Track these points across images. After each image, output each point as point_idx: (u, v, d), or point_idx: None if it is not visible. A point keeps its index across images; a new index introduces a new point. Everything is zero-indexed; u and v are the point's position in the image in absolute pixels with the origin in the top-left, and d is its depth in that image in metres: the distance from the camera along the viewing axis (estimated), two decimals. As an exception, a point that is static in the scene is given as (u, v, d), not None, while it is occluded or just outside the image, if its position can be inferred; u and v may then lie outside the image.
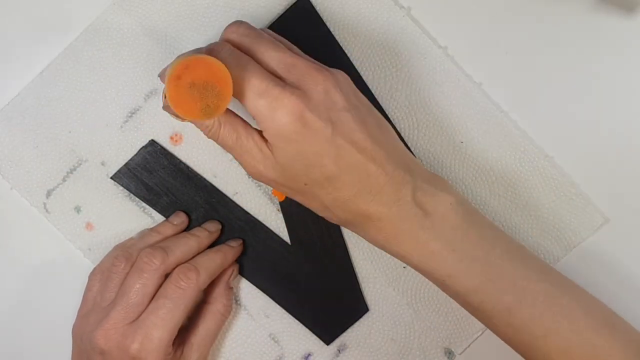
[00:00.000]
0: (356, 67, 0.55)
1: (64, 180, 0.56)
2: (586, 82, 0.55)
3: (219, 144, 0.46)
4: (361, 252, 0.57)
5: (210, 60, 0.41)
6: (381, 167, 0.43)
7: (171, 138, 0.56)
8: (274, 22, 0.55)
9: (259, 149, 0.45)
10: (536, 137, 0.55)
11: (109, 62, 0.55)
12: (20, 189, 0.56)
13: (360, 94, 0.47)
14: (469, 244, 0.45)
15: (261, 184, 0.56)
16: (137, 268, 0.51)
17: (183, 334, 0.54)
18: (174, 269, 0.52)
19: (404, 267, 0.57)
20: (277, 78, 0.43)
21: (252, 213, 0.56)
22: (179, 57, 0.45)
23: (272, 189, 0.56)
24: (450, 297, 0.48)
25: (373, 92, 0.55)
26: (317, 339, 0.58)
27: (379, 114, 0.47)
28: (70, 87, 0.55)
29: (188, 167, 0.56)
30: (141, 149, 0.56)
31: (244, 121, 0.46)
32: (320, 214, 0.47)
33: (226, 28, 0.46)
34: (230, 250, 0.55)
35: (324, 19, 0.55)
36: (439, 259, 0.45)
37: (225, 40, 0.46)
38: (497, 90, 0.55)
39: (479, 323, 0.56)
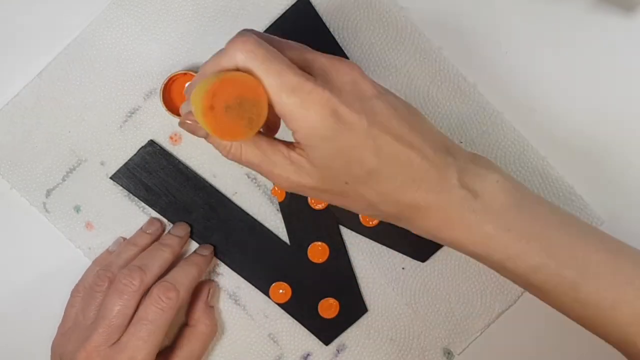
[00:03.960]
0: (356, 67, 0.55)
1: (63, 180, 0.56)
2: (586, 82, 0.55)
3: (243, 164, 0.43)
4: (360, 253, 0.57)
5: (232, 76, 0.39)
6: (422, 153, 0.41)
7: (170, 138, 0.56)
8: (274, 22, 0.55)
9: (289, 160, 0.42)
10: (535, 138, 0.55)
11: (108, 62, 0.55)
12: (20, 188, 0.56)
13: (375, 82, 0.44)
14: (523, 221, 0.42)
15: (260, 184, 0.56)
16: (116, 289, 0.50)
17: (166, 353, 0.54)
18: (151, 285, 0.51)
19: (403, 268, 0.57)
20: (305, 72, 0.40)
21: (251, 213, 0.56)
22: (196, 79, 0.43)
23: (271, 189, 0.56)
24: (511, 280, 0.44)
25: (372, 92, 0.55)
26: (316, 339, 0.58)
27: (405, 101, 0.44)
28: (70, 87, 0.55)
29: (187, 167, 0.56)
30: (140, 149, 0.56)
31: (265, 135, 0.43)
32: (365, 213, 0.44)
33: (237, 35, 0.41)
34: (203, 259, 0.55)
35: (324, 19, 0.55)
36: (494, 241, 0.42)
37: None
38: (497, 91, 0.55)
39: (478, 323, 0.57)
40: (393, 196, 0.41)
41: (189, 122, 0.43)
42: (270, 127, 0.46)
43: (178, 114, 0.53)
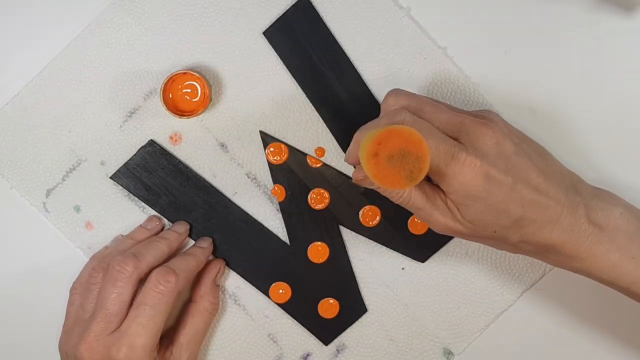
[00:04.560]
0: (356, 67, 0.55)
1: (63, 179, 0.56)
2: (586, 82, 0.54)
3: (408, 207, 0.48)
4: (360, 253, 0.57)
5: (400, 129, 0.42)
6: (555, 198, 0.46)
7: (170, 138, 0.56)
8: (274, 22, 0.55)
9: (447, 206, 0.47)
10: (535, 138, 0.54)
11: (108, 62, 0.55)
12: (20, 188, 0.56)
13: (512, 126, 0.49)
14: None
15: (260, 184, 0.56)
16: (110, 277, 0.51)
17: (171, 334, 0.54)
18: (147, 273, 0.52)
19: (403, 268, 0.57)
20: (455, 141, 0.45)
21: (251, 213, 0.56)
22: (361, 134, 0.46)
23: (271, 189, 0.56)
24: (637, 301, 0.49)
25: (373, 92, 0.55)
26: (316, 339, 0.58)
27: (532, 140, 0.49)
28: (70, 87, 0.55)
29: (187, 167, 0.56)
30: (140, 148, 0.56)
31: (427, 181, 0.48)
32: (508, 250, 0.49)
33: (385, 100, 0.49)
34: (202, 251, 0.55)
35: (324, 19, 0.55)
36: (620, 268, 0.47)
37: (394, 103, 0.48)
38: (497, 90, 0.55)
39: (478, 323, 0.57)
40: (533, 238, 0.46)
41: (360, 177, 0.49)
42: None
43: (177, 114, 0.53)
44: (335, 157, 0.56)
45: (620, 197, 0.49)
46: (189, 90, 0.54)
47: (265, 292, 0.57)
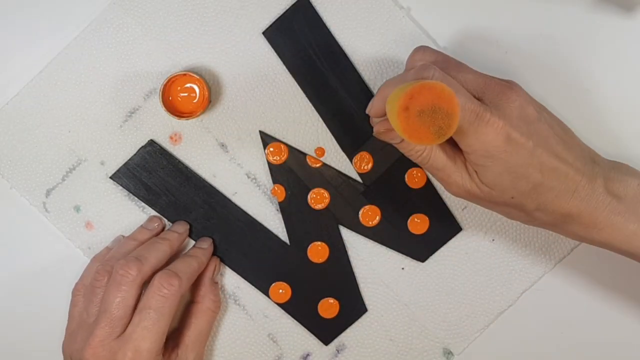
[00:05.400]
0: (356, 67, 0.55)
1: (63, 179, 0.56)
2: (585, 82, 0.54)
3: (427, 167, 0.48)
4: (360, 253, 0.57)
5: (432, 84, 0.41)
6: (574, 166, 0.46)
7: (170, 138, 0.56)
8: (274, 22, 0.55)
9: (466, 169, 0.47)
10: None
11: (108, 62, 0.55)
12: (20, 188, 0.56)
13: (532, 97, 0.48)
14: None
15: (260, 184, 0.56)
16: (114, 281, 0.51)
17: (175, 336, 0.54)
18: (151, 276, 0.52)
19: (403, 268, 0.57)
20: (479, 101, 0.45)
21: (251, 213, 0.56)
22: (388, 87, 0.46)
23: (271, 189, 0.56)
24: None
25: (373, 92, 0.55)
26: (316, 339, 0.58)
27: (553, 113, 0.49)
28: (70, 87, 0.55)
29: (187, 167, 0.56)
30: (140, 148, 0.56)
31: (448, 142, 0.47)
32: (523, 221, 0.49)
33: (411, 56, 0.49)
34: (203, 252, 0.55)
35: (324, 19, 0.55)
36: (638, 238, 0.47)
37: (421, 59, 0.48)
38: (497, 91, 0.55)
39: (478, 323, 0.57)
40: (550, 206, 0.46)
41: (382, 129, 0.48)
42: None
43: (177, 115, 0.53)
44: (335, 157, 0.56)
45: (636, 169, 0.49)
46: (186, 94, 0.54)
47: (265, 292, 0.57)
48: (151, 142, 0.56)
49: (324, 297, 0.57)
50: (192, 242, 0.57)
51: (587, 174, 0.46)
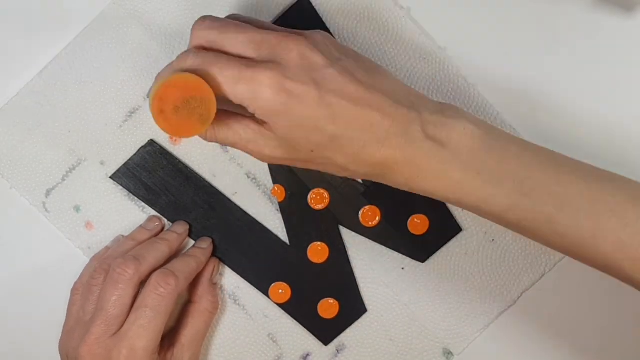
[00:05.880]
0: (356, 67, 0.55)
1: (63, 179, 0.56)
2: (585, 82, 0.54)
3: (222, 144, 0.47)
4: (359, 253, 0.57)
5: (175, 80, 0.42)
6: (381, 112, 0.43)
7: (170, 138, 0.56)
8: (274, 22, 0.55)
9: (259, 134, 0.44)
10: (535, 139, 0.54)
11: (108, 62, 0.55)
12: (20, 188, 0.56)
13: (345, 47, 0.46)
14: (493, 163, 0.44)
15: (260, 184, 0.56)
16: (111, 279, 0.51)
17: (172, 335, 0.54)
18: (148, 275, 0.52)
19: (403, 268, 0.57)
20: (247, 59, 0.43)
21: (251, 213, 0.56)
22: (153, 85, 0.46)
23: (271, 189, 0.56)
24: (490, 220, 0.46)
25: (372, 92, 0.55)
26: (316, 339, 0.58)
27: (368, 59, 0.46)
28: (70, 87, 0.55)
29: (187, 167, 0.56)
30: (140, 148, 0.56)
31: (234, 114, 0.45)
32: (341, 175, 0.46)
33: (193, 27, 0.46)
34: (202, 252, 0.55)
35: (324, 19, 0.55)
36: (465, 186, 0.44)
37: (192, 41, 0.45)
38: (497, 91, 0.55)
39: (478, 323, 0.57)
40: (360, 157, 0.43)
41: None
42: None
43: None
44: (335, 157, 0.56)
45: (465, 111, 0.45)
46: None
47: (265, 292, 0.57)
48: (151, 142, 0.56)
49: (324, 297, 0.57)
50: (192, 242, 0.57)
51: (399, 119, 0.43)
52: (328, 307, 0.57)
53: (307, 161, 0.45)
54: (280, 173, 0.56)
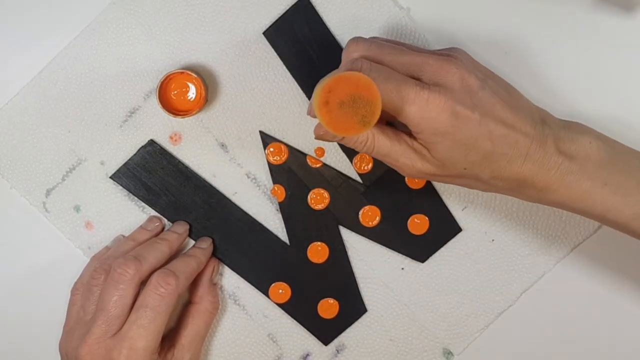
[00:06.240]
0: (356, 67, 0.55)
1: (63, 179, 0.56)
2: (585, 82, 0.54)
3: (373, 155, 0.48)
4: (359, 253, 0.57)
5: (348, 75, 0.42)
6: (523, 130, 0.46)
7: (170, 138, 0.56)
8: (274, 22, 0.55)
9: (413, 149, 0.47)
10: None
11: (108, 62, 0.55)
12: (20, 188, 0.56)
13: (478, 62, 0.48)
14: (618, 174, 0.47)
15: (260, 184, 0.56)
16: (112, 280, 0.51)
17: (172, 335, 0.54)
18: (149, 275, 0.52)
19: (403, 269, 0.57)
20: (417, 80, 0.45)
21: (251, 213, 0.56)
22: (318, 85, 0.46)
23: (271, 189, 0.56)
24: (614, 228, 0.49)
25: (372, 92, 0.55)
26: (316, 339, 0.58)
27: (499, 76, 0.49)
28: (70, 87, 0.55)
29: (187, 167, 0.56)
30: (140, 148, 0.56)
31: (390, 126, 0.48)
32: (481, 189, 0.49)
33: (346, 49, 0.48)
34: (202, 252, 0.55)
35: (324, 19, 0.55)
36: (593, 197, 0.47)
37: (350, 59, 0.47)
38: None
39: (478, 323, 0.57)
40: (504, 173, 0.47)
41: (321, 132, 0.49)
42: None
43: (174, 113, 0.53)
44: (335, 158, 0.56)
45: (589, 127, 0.49)
46: (184, 92, 0.54)
47: (265, 292, 0.57)
48: (151, 142, 0.56)
49: (324, 297, 0.57)
50: (192, 242, 0.57)
51: (537, 137, 0.46)
52: (328, 307, 0.57)
53: (456, 177, 0.48)
54: (280, 173, 0.56)
